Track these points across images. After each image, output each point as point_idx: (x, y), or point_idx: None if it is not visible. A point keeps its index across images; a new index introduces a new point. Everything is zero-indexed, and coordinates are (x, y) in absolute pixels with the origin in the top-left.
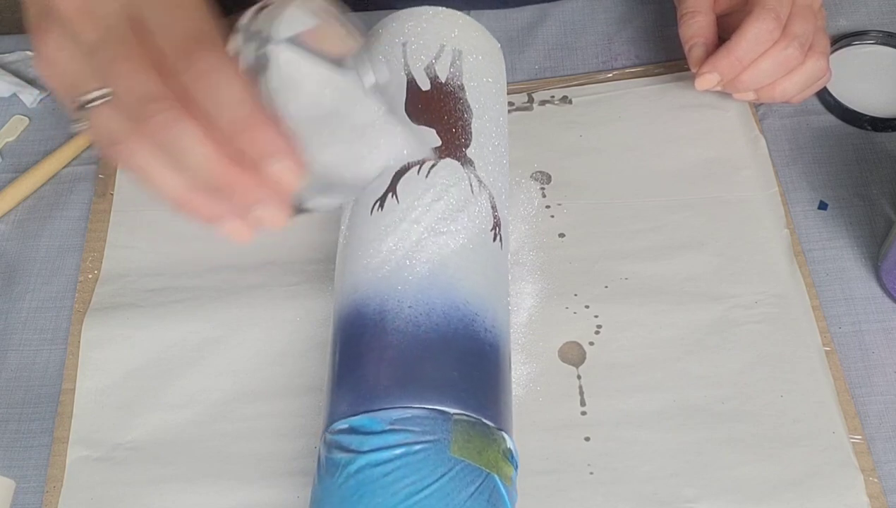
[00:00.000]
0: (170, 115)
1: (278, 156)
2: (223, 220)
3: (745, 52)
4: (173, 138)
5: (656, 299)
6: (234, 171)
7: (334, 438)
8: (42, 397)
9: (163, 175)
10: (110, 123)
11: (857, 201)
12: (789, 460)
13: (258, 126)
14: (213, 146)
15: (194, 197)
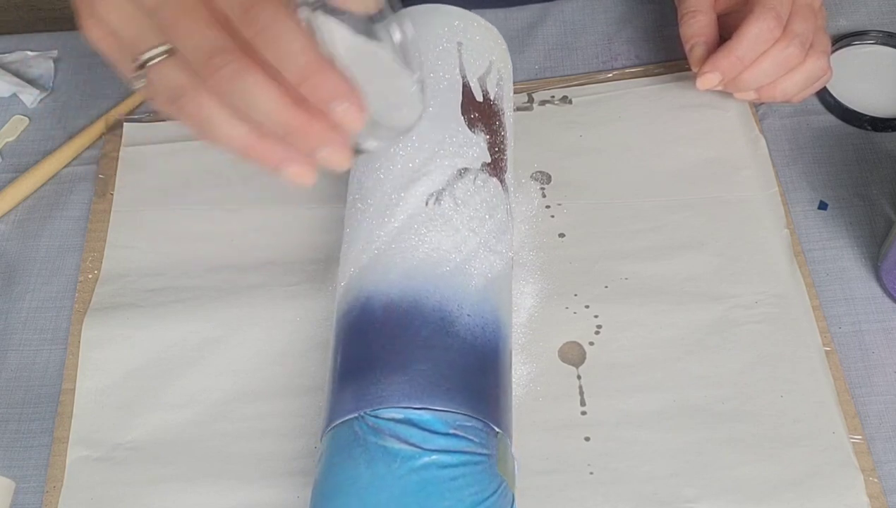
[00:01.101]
0: (238, 66)
1: (341, 99)
2: (288, 165)
3: (745, 51)
4: (242, 88)
5: (656, 299)
6: (302, 116)
7: (387, 426)
8: (42, 397)
9: (229, 125)
10: (173, 78)
11: (857, 201)
12: (789, 460)
13: (321, 72)
14: (280, 93)
15: (260, 144)
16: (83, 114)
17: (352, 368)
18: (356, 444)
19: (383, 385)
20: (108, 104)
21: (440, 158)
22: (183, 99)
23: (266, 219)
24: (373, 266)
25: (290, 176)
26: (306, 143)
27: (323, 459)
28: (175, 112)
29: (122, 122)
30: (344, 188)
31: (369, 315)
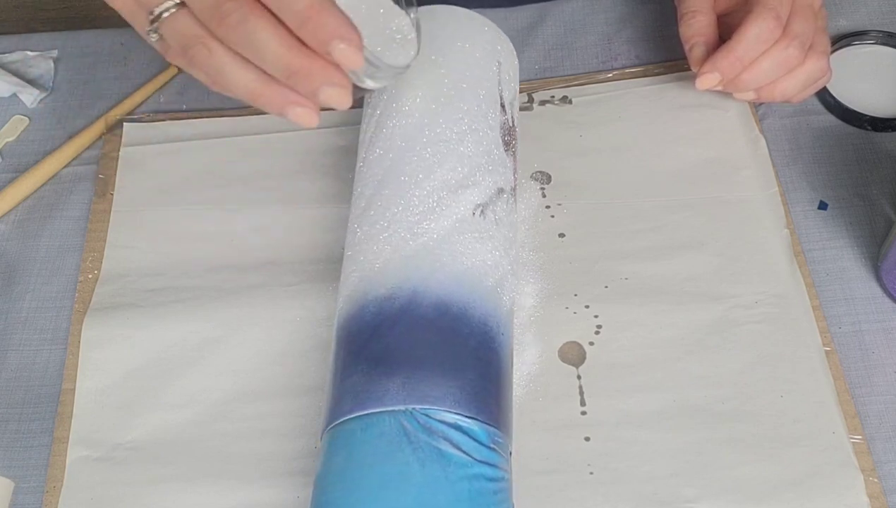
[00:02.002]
0: (244, 12)
1: (342, 38)
2: (292, 107)
3: (745, 51)
4: (248, 33)
5: (656, 299)
6: (304, 58)
7: (439, 427)
8: (42, 397)
9: (237, 71)
10: (184, 29)
11: (857, 201)
12: (789, 460)
13: (320, 14)
14: (285, 36)
15: (267, 89)
16: (83, 114)
17: (399, 358)
18: (405, 439)
19: (435, 385)
20: (108, 104)
21: (484, 173)
22: (194, 48)
23: (266, 219)
24: (420, 257)
25: (294, 117)
26: (308, 84)
27: (354, 440)
28: (187, 62)
29: (122, 122)
30: (344, 188)
31: (419, 308)
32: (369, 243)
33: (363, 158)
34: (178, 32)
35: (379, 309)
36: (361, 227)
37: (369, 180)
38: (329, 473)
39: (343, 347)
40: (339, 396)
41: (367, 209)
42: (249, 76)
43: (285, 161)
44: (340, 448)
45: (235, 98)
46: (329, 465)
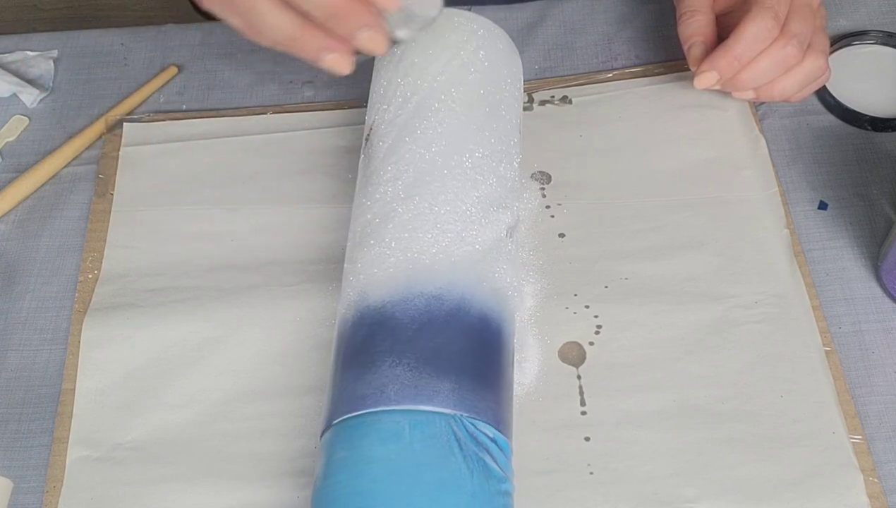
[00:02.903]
0: None
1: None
2: (327, 52)
3: (743, 50)
4: None
5: (656, 299)
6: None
7: (484, 440)
8: (42, 397)
9: (275, 12)
10: None
11: (857, 201)
12: (789, 460)
13: None
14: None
15: (304, 32)
16: (83, 114)
17: (450, 362)
18: (457, 445)
19: (481, 397)
20: (108, 104)
21: (513, 197)
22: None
23: (266, 219)
24: (467, 265)
25: (328, 63)
26: (347, 25)
27: (403, 435)
28: (228, 8)
29: (122, 122)
30: (344, 188)
31: (466, 317)
32: (415, 232)
33: (393, 143)
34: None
35: (427, 306)
36: (405, 211)
37: (408, 167)
38: (372, 461)
39: (383, 330)
40: (378, 383)
41: (410, 197)
42: (287, 19)
43: (285, 161)
44: (387, 439)
45: (270, 44)
46: (370, 452)
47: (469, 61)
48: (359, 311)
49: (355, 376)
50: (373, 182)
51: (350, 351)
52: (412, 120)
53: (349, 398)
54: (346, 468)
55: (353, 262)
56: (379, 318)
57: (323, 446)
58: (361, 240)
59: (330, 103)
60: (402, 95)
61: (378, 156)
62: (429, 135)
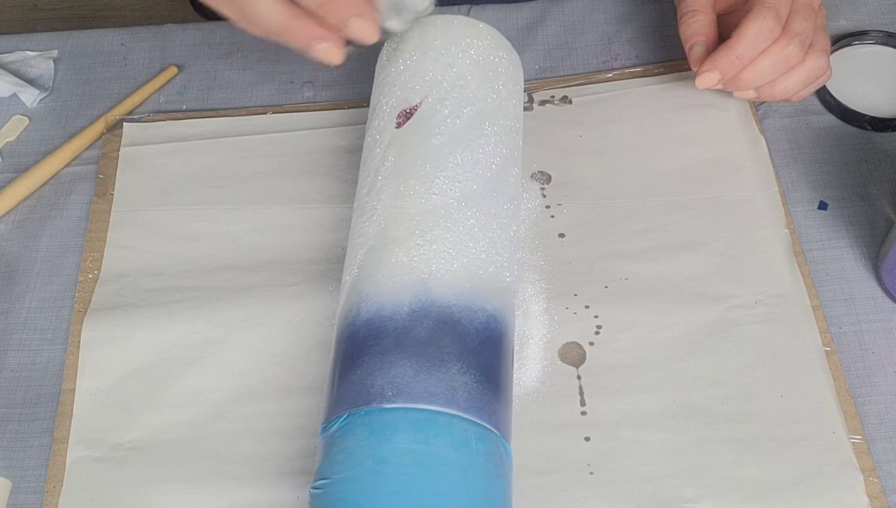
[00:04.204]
0: None
1: None
2: (318, 42)
3: (745, 50)
4: None
5: (656, 299)
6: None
7: (500, 437)
8: (42, 397)
9: (267, 5)
10: None
11: (857, 201)
12: (789, 460)
13: None
14: None
15: (295, 21)
16: (83, 114)
17: (501, 382)
18: (502, 467)
19: (503, 411)
20: (108, 104)
21: (519, 200)
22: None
23: (266, 219)
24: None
25: (319, 52)
26: (338, 14)
27: (471, 447)
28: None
29: (122, 122)
30: (344, 188)
31: (501, 331)
32: (476, 243)
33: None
34: None
35: (486, 323)
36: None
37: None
38: (447, 463)
39: (451, 332)
40: (449, 385)
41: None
42: (278, 8)
43: (285, 161)
44: (459, 444)
45: (262, 33)
46: (444, 454)
47: (469, 67)
48: (421, 301)
49: (423, 368)
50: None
51: (413, 340)
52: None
53: (415, 388)
54: (418, 463)
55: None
56: (445, 318)
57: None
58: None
59: (330, 103)
60: (404, 101)
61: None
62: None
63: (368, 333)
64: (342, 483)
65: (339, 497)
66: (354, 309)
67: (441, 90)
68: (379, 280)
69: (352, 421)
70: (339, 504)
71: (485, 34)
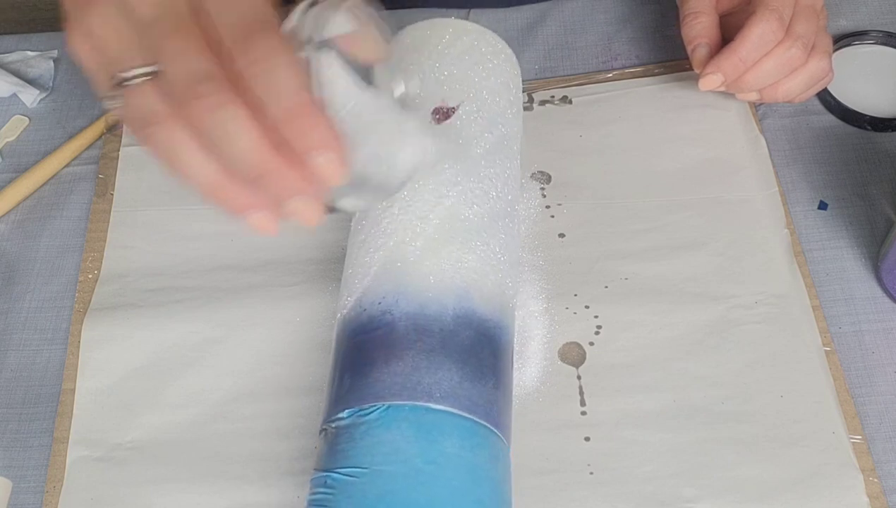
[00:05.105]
0: (221, 98)
1: (325, 148)
2: (253, 211)
3: (748, 52)
4: (222, 119)
5: (656, 299)
6: (277, 160)
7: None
8: (42, 397)
9: (197, 160)
10: (149, 102)
11: (857, 201)
12: (789, 460)
13: (309, 116)
14: (260, 133)
15: (227, 185)
16: (83, 114)
17: (510, 398)
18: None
19: (507, 415)
20: None
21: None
22: (155, 126)
23: None
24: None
25: (253, 223)
26: (277, 190)
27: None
28: (144, 138)
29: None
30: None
31: (512, 351)
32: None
33: None
34: (141, 105)
35: (509, 342)
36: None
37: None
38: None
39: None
40: (486, 399)
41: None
42: (209, 169)
43: None
44: (497, 458)
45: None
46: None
47: (497, 84)
48: (464, 309)
49: (467, 377)
50: None
51: (458, 346)
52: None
53: (460, 395)
54: (466, 471)
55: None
56: (483, 330)
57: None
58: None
59: None
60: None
61: None
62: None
63: (410, 327)
64: (388, 476)
65: (386, 489)
66: (390, 299)
67: (478, 100)
68: (419, 276)
69: (394, 413)
70: (387, 497)
71: (500, 47)
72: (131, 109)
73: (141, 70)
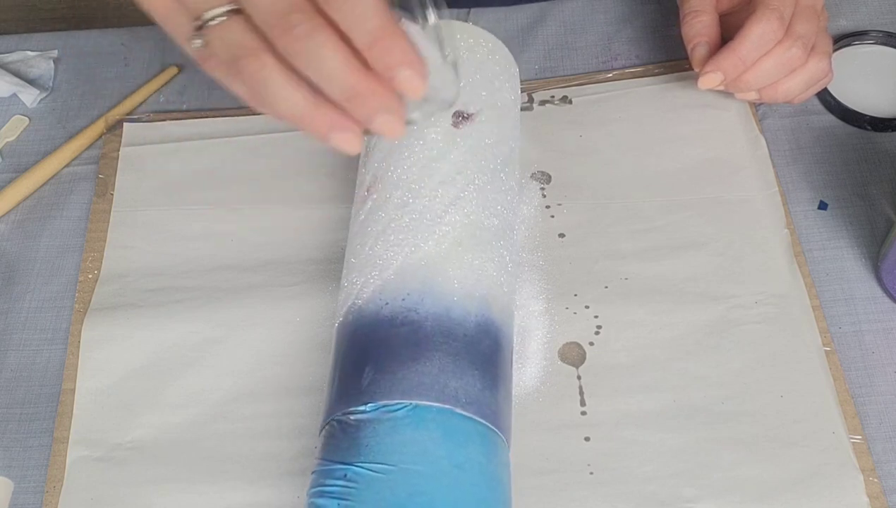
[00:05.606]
0: (312, 25)
1: (408, 65)
2: (338, 131)
3: (748, 51)
4: (315, 46)
5: (656, 299)
6: (368, 78)
7: None
8: (42, 397)
9: (287, 88)
10: (238, 37)
11: (857, 201)
12: (789, 460)
13: (392, 37)
14: (351, 54)
15: (316, 110)
16: (83, 114)
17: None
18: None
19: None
20: (108, 104)
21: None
22: (245, 59)
23: (266, 219)
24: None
25: (339, 142)
26: (366, 108)
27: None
28: (233, 74)
29: (122, 122)
30: (344, 188)
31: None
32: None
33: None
34: (229, 41)
35: (505, 339)
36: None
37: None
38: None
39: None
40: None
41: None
42: (298, 95)
43: (285, 161)
44: (504, 465)
45: (275, 117)
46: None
47: (509, 95)
48: (484, 316)
49: (487, 385)
50: None
51: (480, 354)
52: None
53: (482, 402)
54: (488, 478)
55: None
56: (499, 340)
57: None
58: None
59: None
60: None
61: None
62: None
63: (437, 329)
64: (417, 476)
65: (416, 489)
66: (415, 297)
67: (496, 112)
68: (446, 279)
69: (421, 413)
70: (417, 497)
71: (512, 63)
72: (219, 47)
73: (225, 8)
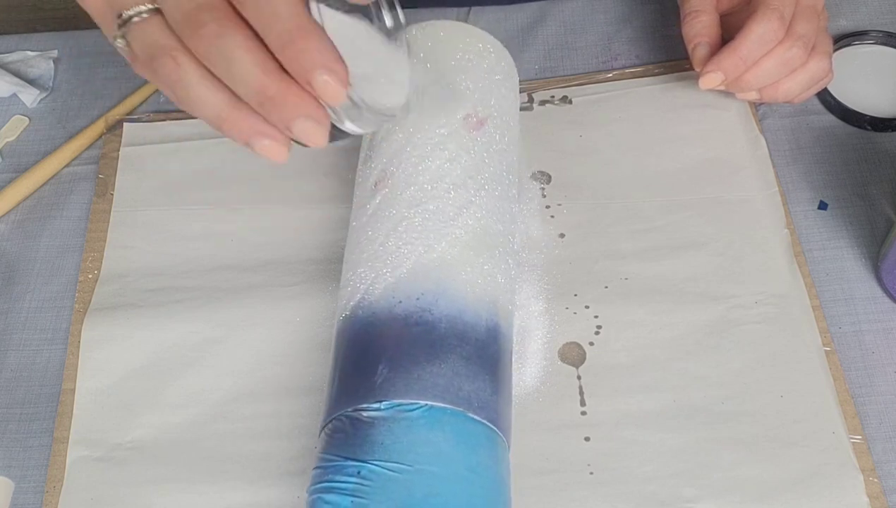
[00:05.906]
0: (221, 25)
1: (326, 68)
2: (260, 138)
3: (749, 51)
4: (224, 47)
5: (656, 299)
6: (281, 83)
7: None
8: (42, 397)
9: (204, 89)
10: (155, 36)
11: (857, 201)
12: (789, 460)
13: (309, 37)
14: (263, 56)
15: (234, 113)
16: (83, 114)
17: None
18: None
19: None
20: (108, 104)
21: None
22: (161, 59)
23: (266, 219)
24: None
25: (261, 150)
26: (282, 113)
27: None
28: (151, 72)
29: (122, 122)
30: (344, 188)
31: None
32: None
33: None
34: (147, 40)
35: (509, 344)
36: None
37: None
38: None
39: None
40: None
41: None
42: (218, 97)
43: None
44: (507, 470)
45: (199, 118)
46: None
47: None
48: (494, 321)
49: (496, 390)
50: None
51: (490, 358)
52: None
53: (491, 407)
54: (497, 482)
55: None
56: (506, 347)
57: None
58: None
59: None
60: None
61: None
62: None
63: (451, 331)
64: (433, 477)
65: (433, 490)
66: (429, 298)
67: (504, 120)
68: (459, 282)
69: (435, 415)
70: (432, 498)
71: (515, 73)
72: (138, 45)
73: (145, 7)
